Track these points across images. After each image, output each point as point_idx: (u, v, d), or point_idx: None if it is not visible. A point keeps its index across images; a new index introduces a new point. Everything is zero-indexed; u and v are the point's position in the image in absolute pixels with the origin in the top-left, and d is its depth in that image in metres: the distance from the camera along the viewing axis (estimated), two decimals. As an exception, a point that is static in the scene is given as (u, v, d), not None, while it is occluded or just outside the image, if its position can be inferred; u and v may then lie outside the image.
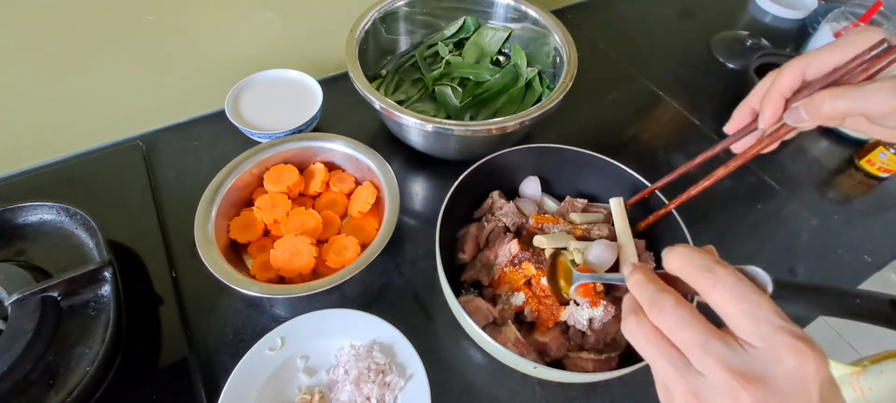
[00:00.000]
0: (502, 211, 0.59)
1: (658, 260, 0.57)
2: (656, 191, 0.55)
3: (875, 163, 0.76)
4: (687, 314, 0.25)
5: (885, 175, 0.76)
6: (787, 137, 0.39)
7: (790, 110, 0.35)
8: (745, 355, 0.23)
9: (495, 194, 0.61)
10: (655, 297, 0.27)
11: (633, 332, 0.27)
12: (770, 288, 0.24)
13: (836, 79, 0.34)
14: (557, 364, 0.51)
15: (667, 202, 0.53)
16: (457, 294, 0.49)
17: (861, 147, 0.78)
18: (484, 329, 0.47)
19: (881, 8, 0.82)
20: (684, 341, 0.25)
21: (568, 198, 0.62)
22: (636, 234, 0.54)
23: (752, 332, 0.23)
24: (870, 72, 0.33)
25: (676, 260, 0.27)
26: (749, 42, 0.96)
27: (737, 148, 0.41)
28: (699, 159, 0.46)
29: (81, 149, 0.71)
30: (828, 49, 0.34)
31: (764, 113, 0.36)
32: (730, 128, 0.40)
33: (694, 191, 0.47)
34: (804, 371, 0.22)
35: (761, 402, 0.22)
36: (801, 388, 0.21)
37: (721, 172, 0.44)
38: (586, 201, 0.62)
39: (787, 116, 0.35)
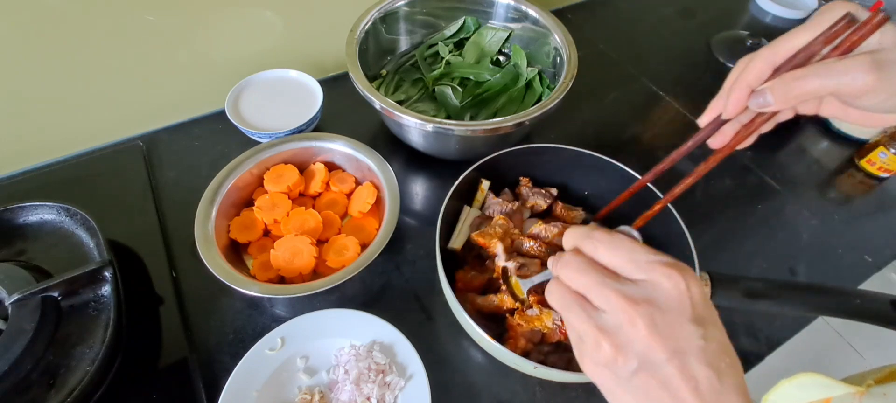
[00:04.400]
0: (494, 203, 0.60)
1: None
2: (648, 184, 0.50)
3: (875, 163, 0.76)
4: (583, 262, 0.29)
5: (885, 175, 0.76)
6: (764, 129, 0.37)
7: (755, 94, 0.33)
8: (633, 286, 0.28)
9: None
10: (560, 258, 0.31)
11: (551, 295, 0.31)
12: (638, 237, 0.31)
13: (805, 61, 0.32)
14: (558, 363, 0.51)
15: (661, 196, 0.48)
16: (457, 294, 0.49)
17: (861, 147, 0.78)
18: (484, 328, 0.47)
19: (881, 8, 0.82)
20: (584, 284, 0.29)
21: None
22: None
23: (633, 270, 0.28)
24: (841, 49, 0.31)
25: (567, 239, 0.32)
26: (749, 42, 0.96)
27: (713, 143, 0.39)
28: (674, 156, 0.43)
29: (81, 149, 0.71)
30: (794, 31, 0.32)
31: (728, 102, 0.35)
32: (703, 120, 0.39)
33: (678, 190, 0.42)
34: (678, 289, 0.27)
35: (650, 317, 0.26)
36: (677, 303, 0.27)
37: (701, 169, 0.40)
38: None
39: (752, 101, 0.33)
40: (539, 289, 0.50)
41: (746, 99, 0.33)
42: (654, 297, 0.27)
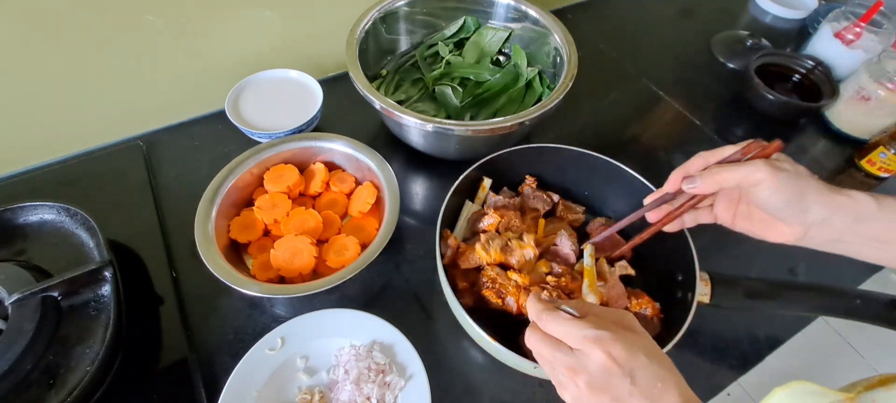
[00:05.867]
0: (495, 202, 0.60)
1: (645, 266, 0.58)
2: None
3: (875, 163, 0.76)
4: (538, 336, 0.38)
5: (885, 175, 0.76)
6: (687, 222, 0.49)
7: (688, 179, 0.44)
8: (574, 357, 0.36)
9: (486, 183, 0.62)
10: (528, 333, 0.40)
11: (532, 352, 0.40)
12: (576, 314, 0.37)
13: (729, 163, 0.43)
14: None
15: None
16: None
17: (861, 147, 0.78)
18: (484, 329, 0.47)
19: (881, 8, 0.82)
20: (541, 355, 0.38)
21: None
22: (609, 260, 0.57)
23: (572, 343, 0.36)
24: (749, 157, 0.42)
25: (529, 311, 0.40)
26: (749, 42, 0.96)
27: (650, 218, 0.50)
28: (624, 223, 0.54)
29: (81, 149, 0.71)
30: (723, 147, 0.44)
31: (668, 182, 0.46)
32: (647, 200, 0.50)
33: (625, 248, 0.56)
34: (602, 357, 0.34)
35: (587, 381, 0.35)
36: (604, 367, 0.34)
37: (636, 240, 0.53)
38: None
39: (685, 184, 0.44)
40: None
41: (681, 182, 0.45)
42: (587, 365, 0.35)
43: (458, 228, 0.60)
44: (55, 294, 0.52)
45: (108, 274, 0.53)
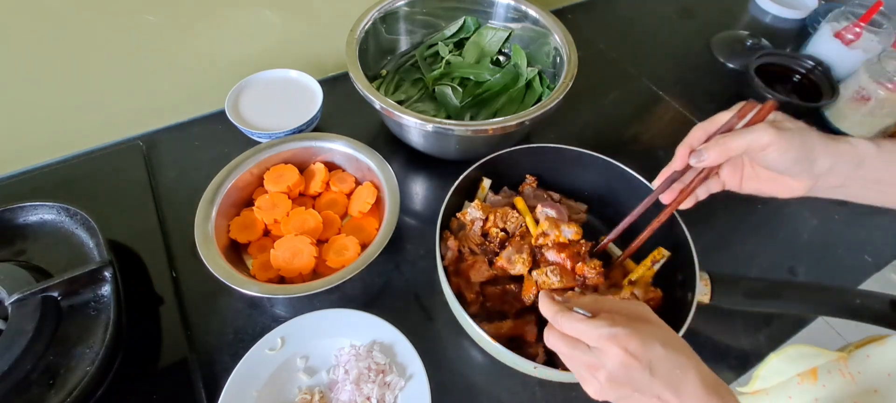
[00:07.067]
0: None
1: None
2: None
3: (875, 163, 0.76)
4: (556, 335, 0.39)
5: (885, 175, 0.76)
6: (700, 196, 0.48)
7: (695, 153, 0.43)
8: (591, 354, 0.37)
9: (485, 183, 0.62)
10: (546, 333, 0.41)
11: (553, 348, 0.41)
12: (588, 315, 0.38)
13: (727, 131, 0.43)
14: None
15: (620, 252, 0.57)
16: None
17: (861, 147, 0.78)
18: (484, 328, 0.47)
19: (881, 8, 0.82)
20: (561, 353, 0.39)
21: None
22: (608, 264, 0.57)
23: (589, 341, 0.37)
24: (749, 124, 0.42)
25: (543, 310, 0.41)
26: (749, 42, 0.96)
27: (664, 199, 0.49)
28: (639, 210, 0.53)
29: (81, 149, 0.71)
30: (718, 115, 0.44)
31: (674, 160, 0.46)
32: (656, 183, 0.50)
33: (638, 242, 0.53)
34: (620, 354, 0.35)
35: (608, 379, 0.36)
36: (624, 365, 0.35)
37: (655, 224, 0.51)
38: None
39: (692, 159, 0.43)
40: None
41: (688, 157, 0.44)
42: (605, 363, 0.36)
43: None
44: (55, 294, 0.52)
45: (108, 274, 0.53)
